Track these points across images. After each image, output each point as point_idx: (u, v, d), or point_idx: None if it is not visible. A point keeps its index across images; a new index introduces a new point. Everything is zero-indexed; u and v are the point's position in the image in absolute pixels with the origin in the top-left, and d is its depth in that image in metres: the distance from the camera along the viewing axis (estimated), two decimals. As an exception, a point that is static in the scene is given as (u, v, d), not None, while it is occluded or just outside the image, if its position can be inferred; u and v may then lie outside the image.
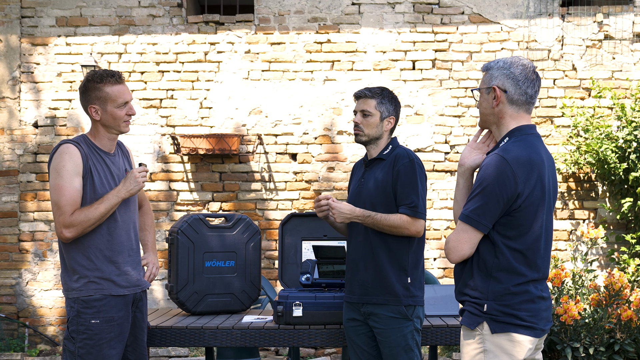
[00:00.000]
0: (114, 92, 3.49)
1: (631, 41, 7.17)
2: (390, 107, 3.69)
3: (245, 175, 7.30)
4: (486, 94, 2.87)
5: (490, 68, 2.88)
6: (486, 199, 2.71)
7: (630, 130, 6.74)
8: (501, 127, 2.86)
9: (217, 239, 4.20)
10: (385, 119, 3.68)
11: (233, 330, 3.85)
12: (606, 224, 7.08)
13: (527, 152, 2.75)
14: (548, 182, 2.80)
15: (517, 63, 2.84)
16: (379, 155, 3.68)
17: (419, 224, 3.55)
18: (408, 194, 3.55)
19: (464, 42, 7.25)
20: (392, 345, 3.53)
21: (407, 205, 3.54)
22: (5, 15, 7.40)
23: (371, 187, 3.64)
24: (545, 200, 2.78)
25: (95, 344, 3.40)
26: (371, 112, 3.67)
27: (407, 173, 3.56)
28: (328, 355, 7.11)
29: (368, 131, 3.68)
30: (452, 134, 7.22)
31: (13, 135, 7.38)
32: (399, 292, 3.54)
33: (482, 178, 2.74)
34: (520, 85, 2.82)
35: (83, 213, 3.37)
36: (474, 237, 2.75)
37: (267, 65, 7.31)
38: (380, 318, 3.56)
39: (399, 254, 3.57)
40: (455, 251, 2.77)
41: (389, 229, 3.54)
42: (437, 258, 7.18)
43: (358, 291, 3.62)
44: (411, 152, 3.66)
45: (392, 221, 3.53)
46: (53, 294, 7.30)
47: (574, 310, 5.30)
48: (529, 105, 2.86)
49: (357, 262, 3.63)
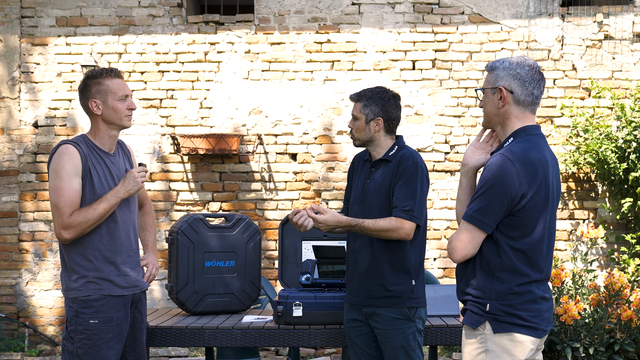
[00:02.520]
0: (114, 85, 3.51)
1: (631, 41, 7.17)
2: (375, 108, 3.62)
3: (245, 175, 7.30)
4: (491, 94, 2.85)
5: (496, 68, 2.85)
6: (490, 199, 2.70)
7: (630, 131, 6.74)
8: (506, 127, 2.84)
9: (217, 239, 4.20)
10: (371, 122, 3.62)
11: (233, 330, 3.85)
12: (606, 224, 7.08)
13: (532, 153, 2.74)
14: (552, 183, 2.79)
15: (523, 63, 2.82)
16: (385, 157, 3.64)
17: (408, 225, 3.49)
18: (405, 197, 3.51)
19: (464, 42, 7.25)
20: (394, 346, 3.52)
21: (402, 208, 3.49)
22: (5, 15, 7.40)
23: (376, 189, 3.61)
24: (549, 201, 2.77)
25: (93, 344, 3.39)
26: (357, 116, 3.65)
27: (408, 176, 3.53)
28: (328, 355, 7.11)
29: (357, 135, 3.66)
30: (452, 134, 7.22)
31: (13, 136, 7.38)
32: (402, 293, 3.53)
33: (487, 178, 2.72)
34: (527, 86, 2.80)
35: (82, 214, 3.36)
36: (478, 236, 2.74)
37: (267, 65, 7.31)
38: (382, 319, 3.55)
39: (402, 256, 3.55)
40: (459, 251, 2.77)
41: (378, 234, 3.51)
42: (437, 258, 7.18)
43: (361, 293, 3.60)
44: (416, 155, 3.61)
45: (381, 225, 3.49)
46: (53, 294, 7.30)
47: (574, 310, 5.30)
48: (535, 105, 2.84)
49: (360, 264, 3.61)
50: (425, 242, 3.66)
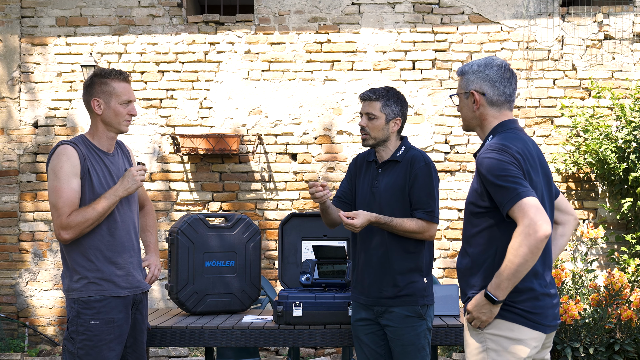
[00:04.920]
0: (120, 88, 3.50)
1: (631, 41, 7.16)
2: (395, 108, 3.64)
3: (245, 175, 7.30)
4: (465, 98, 2.91)
5: (466, 72, 2.90)
6: (510, 176, 2.66)
7: (630, 131, 6.74)
8: (484, 128, 2.90)
9: (217, 239, 4.20)
10: (391, 121, 3.63)
11: (233, 330, 3.85)
12: (606, 224, 7.08)
13: (514, 144, 2.77)
14: (538, 170, 2.81)
15: (491, 64, 2.87)
16: (393, 157, 3.64)
17: (433, 228, 3.56)
18: (426, 200, 3.54)
19: (464, 42, 7.25)
20: (405, 344, 3.53)
21: (425, 211, 3.54)
22: (5, 15, 7.40)
23: (387, 190, 3.60)
24: (539, 187, 2.78)
25: (94, 345, 3.39)
26: (376, 115, 3.61)
27: (425, 177, 3.55)
28: (328, 355, 7.11)
29: (374, 134, 3.63)
30: (452, 134, 7.22)
31: (12, 136, 7.38)
32: (416, 292, 3.55)
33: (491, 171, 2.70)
34: (497, 86, 2.86)
35: (80, 214, 3.35)
36: (538, 206, 2.63)
37: (267, 65, 7.31)
38: (394, 316, 3.55)
39: (415, 256, 3.57)
40: (543, 228, 2.60)
41: (404, 234, 3.54)
42: (437, 258, 7.18)
43: (373, 292, 3.59)
44: (426, 155, 3.63)
45: (408, 227, 3.52)
46: (53, 294, 7.30)
47: (574, 310, 5.30)
48: (509, 103, 2.90)
49: (372, 263, 3.60)
50: (433, 241, 3.70)
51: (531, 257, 2.61)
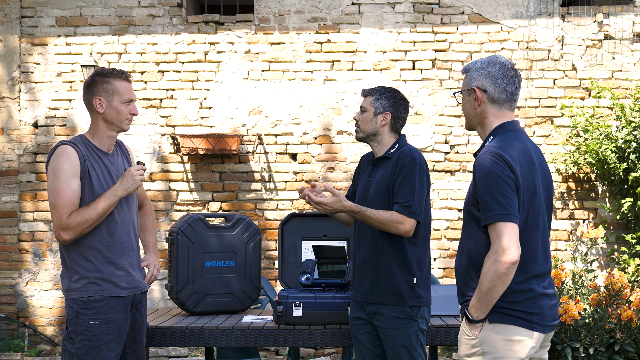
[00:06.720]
0: (122, 87, 3.51)
1: (631, 41, 7.16)
2: (386, 103, 3.67)
3: (245, 175, 7.30)
4: (467, 95, 2.91)
5: (469, 70, 2.92)
6: (496, 192, 2.68)
7: (630, 131, 6.74)
8: (485, 126, 2.90)
9: (217, 239, 4.20)
10: (379, 115, 3.66)
11: (233, 330, 3.85)
12: (606, 224, 7.08)
13: (513, 147, 2.76)
14: (538, 174, 2.81)
15: (494, 62, 2.88)
16: (385, 154, 3.66)
17: (409, 223, 3.49)
18: (404, 193, 3.51)
19: (464, 42, 7.25)
20: (396, 345, 3.52)
21: (401, 204, 3.50)
22: (5, 15, 7.40)
23: (376, 187, 3.62)
24: (537, 193, 2.78)
25: (93, 346, 3.38)
26: (366, 108, 3.69)
27: (407, 172, 3.53)
28: (328, 355, 7.11)
29: (363, 127, 3.69)
30: (452, 134, 7.22)
31: (12, 136, 7.38)
32: (404, 292, 3.52)
33: (483, 180, 2.72)
34: (499, 84, 2.85)
35: (80, 214, 3.35)
36: (511, 232, 2.65)
37: (267, 65, 7.31)
38: (384, 317, 3.55)
39: (402, 254, 3.54)
40: (510, 255, 2.63)
41: (378, 225, 3.51)
42: (437, 258, 7.18)
43: (364, 290, 3.61)
44: (416, 152, 3.61)
45: (382, 217, 3.49)
46: (53, 294, 7.30)
47: (574, 310, 5.30)
48: (511, 102, 2.89)
49: (365, 262, 3.62)
50: (428, 240, 3.65)
51: (499, 282, 2.64)
